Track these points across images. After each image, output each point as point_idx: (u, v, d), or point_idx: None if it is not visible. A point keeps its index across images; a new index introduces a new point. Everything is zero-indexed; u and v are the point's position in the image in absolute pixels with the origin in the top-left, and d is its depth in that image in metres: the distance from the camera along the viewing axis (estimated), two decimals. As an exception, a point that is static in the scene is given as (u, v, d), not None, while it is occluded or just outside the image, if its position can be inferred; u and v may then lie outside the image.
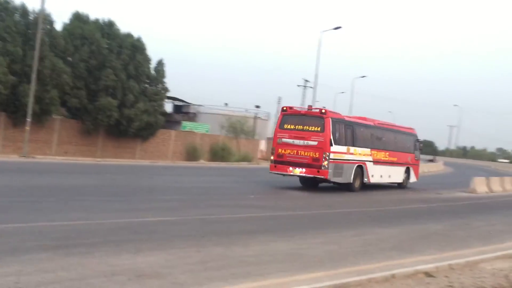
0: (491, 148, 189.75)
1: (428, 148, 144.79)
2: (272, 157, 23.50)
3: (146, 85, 38.49)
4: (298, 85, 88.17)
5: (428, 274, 9.40)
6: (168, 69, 41.04)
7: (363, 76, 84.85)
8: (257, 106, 68.81)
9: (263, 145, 53.99)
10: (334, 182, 23.28)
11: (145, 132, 38.54)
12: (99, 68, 35.24)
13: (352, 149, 23.64)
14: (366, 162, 24.80)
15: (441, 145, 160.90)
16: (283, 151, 22.86)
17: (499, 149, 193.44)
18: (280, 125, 23.19)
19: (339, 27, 52.06)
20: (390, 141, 27.56)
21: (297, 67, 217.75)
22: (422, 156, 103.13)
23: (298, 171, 22.48)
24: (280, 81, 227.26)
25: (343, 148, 23.02)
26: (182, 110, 66.10)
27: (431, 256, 10.99)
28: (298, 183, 25.29)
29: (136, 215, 12.95)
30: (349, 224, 14.51)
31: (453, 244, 12.79)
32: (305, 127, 22.44)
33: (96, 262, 8.12)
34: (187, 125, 51.60)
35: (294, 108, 23.74)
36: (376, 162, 25.71)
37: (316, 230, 13.02)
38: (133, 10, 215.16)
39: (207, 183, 23.80)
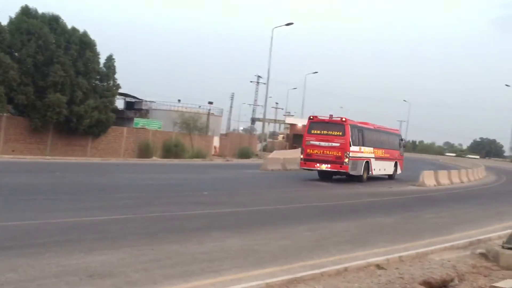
0: (439, 142, 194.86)
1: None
2: (302, 156, 29.16)
3: (97, 82, 37.78)
4: (251, 81, 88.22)
5: (379, 266, 9.59)
6: (120, 66, 40.35)
7: (315, 72, 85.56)
8: (210, 102, 68.65)
9: (216, 142, 53.89)
10: (350, 175, 28.77)
11: (96, 129, 37.85)
12: (47, 63, 34.36)
13: (362, 148, 29.61)
14: (371, 159, 30.71)
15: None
16: (311, 151, 28.66)
17: (446, 143, 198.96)
18: (308, 131, 28.98)
19: (291, 23, 52.45)
20: (384, 141, 33.44)
21: (250, 63, 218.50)
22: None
23: (324, 166, 28.36)
24: (233, 78, 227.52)
25: (357, 148, 28.97)
26: (134, 107, 65.23)
27: (383, 249, 11.22)
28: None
29: (87, 213, 12.72)
30: (303, 219, 14.63)
31: (403, 236, 13.08)
32: (329, 132, 28.26)
33: (46, 262, 7.94)
34: (139, 121, 50.98)
35: (319, 117, 29.29)
36: (377, 158, 31.59)
37: (271, 225, 13.09)
38: (84, 4, 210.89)
39: (160, 180, 23.59)
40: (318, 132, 28.67)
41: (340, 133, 28.16)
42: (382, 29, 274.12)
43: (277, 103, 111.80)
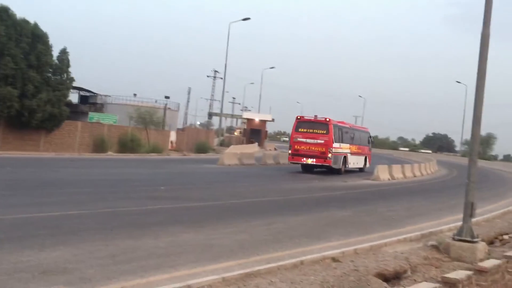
0: (393, 137, 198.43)
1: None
2: (290, 151, 32.51)
3: (49, 75, 36.89)
4: (208, 76, 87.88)
5: (335, 259, 9.73)
6: (74, 59, 39.49)
7: (272, 67, 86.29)
8: (167, 97, 68.13)
9: (173, 136, 53.47)
10: (332, 168, 32.24)
11: (49, 124, 36.98)
12: (-3, 56, 33.32)
13: (341, 145, 33.30)
14: (347, 154, 34.42)
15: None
16: (298, 147, 31.93)
17: (400, 138, 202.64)
18: (295, 129, 32.19)
19: (248, 18, 52.51)
20: (357, 138, 37.09)
21: (208, 58, 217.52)
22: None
23: (310, 160, 31.76)
24: (191, 72, 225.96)
25: (338, 145, 32.59)
26: (89, 101, 64.14)
27: (338, 242, 11.38)
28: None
29: (41, 209, 12.45)
30: (260, 214, 14.70)
31: (358, 229, 13.30)
32: (314, 130, 31.66)
33: (-3, 260, 7.74)
34: (94, 116, 50.11)
35: (305, 117, 32.92)
36: (352, 153, 35.40)
37: (227, 220, 13.10)
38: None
39: (116, 175, 23.28)
40: (305, 130, 32.10)
41: (324, 132, 31.76)
42: (337, 27, 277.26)
43: (234, 98, 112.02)
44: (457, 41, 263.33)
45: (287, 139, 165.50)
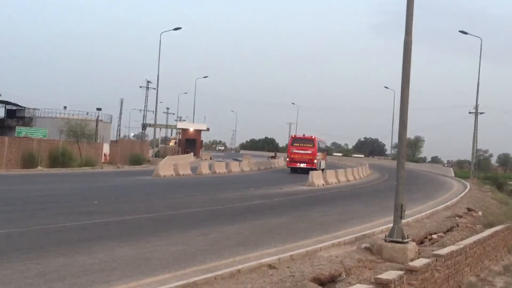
0: (327, 142, 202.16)
1: (270, 145, 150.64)
2: (287, 159, 47.36)
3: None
4: (141, 87, 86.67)
5: (271, 266, 9.80)
6: (0, 73, 38.03)
7: (205, 77, 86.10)
8: (99, 109, 66.71)
9: (106, 149, 52.38)
10: (315, 168, 41.87)
11: (-26, 140, 35.46)
12: None
13: (319, 153, 46.75)
14: (320, 159, 47.38)
15: (282, 142, 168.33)
16: (293, 156, 45.81)
17: (334, 144, 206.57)
18: (291, 143, 46.67)
19: (179, 28, 52.20)
20: (322, 147, 51.60)
21: (140, 69, 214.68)
22: (264, 153, 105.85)
23: (302, 165, 44.69)
24: (123, 83, 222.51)
25: (318, 154, 46.41)
26: (17, 115, 62.01)
27: (275, 249, 11.48)
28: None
29: (-34, 230, 11.90)
30: (196, 224, 14.62)
31: (294, 236, 13.46)
32: (304, 144, 45.61)
33: None
34: (22, 130, 48.39)
35: (297, 135, 48.86)
36: (321, 159, 48.81)
37: (163, 232, 12.95)
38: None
39: (46, 191, 22.56)
40: (297, 144, 45.97)
41: (311, 145, 45.77)
42: (268, 36, 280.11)
43: (168, 108, 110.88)
44: (385, 48, 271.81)
45: (222, 148, 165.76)
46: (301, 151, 45.64)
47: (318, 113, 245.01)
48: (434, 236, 15.92)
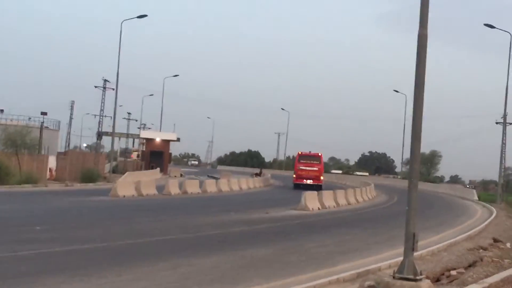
0: (324, 157, 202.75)
1: (254, 160, 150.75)
2: (294, 176, 57.90)
3: None
4: (96, 86, 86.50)
5: (254, 308, 9.77)
6: None
7: (176, 75, 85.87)
8: (44, 113, 66.53)
9: (52, 162, 52.00)
10: (321, 185, 54.46)
11: None
12: None
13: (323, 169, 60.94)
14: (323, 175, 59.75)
15: (268, 156, 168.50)
16: (300, 173, 56.65)
17: (332, 159, 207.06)
18: (298, 160, 57.98)
19: (144, 16, 52.38)
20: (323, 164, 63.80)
21: (96, 65, 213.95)
22: (247, 170, 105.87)
23: (309, 181, 55.36)
24: (74, 82, 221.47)
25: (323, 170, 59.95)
26: None
27: (258, 287, 11.45)
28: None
29: None
30: (162, 255, 14.55)
31: (282, 270, 13.43)
32: (311, 161, 56.67)
33: None
34: None
35: (304, 152, 59.14)
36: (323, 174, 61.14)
37: (121, 265, 12.87)
38: None
39: (-23, 214, 22.33)
40: (304, 161, 57.54)
41: (318, 162, 57.87)
42: (253, 29, 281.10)
43: (129, 113, 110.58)
44: (393, 45, 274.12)
45: (196, 162, 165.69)
46: (308, 168, 57.23)
47: (313, 121, 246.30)
48: (453, 272, 15.98)
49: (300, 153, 59.80)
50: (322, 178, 57.34)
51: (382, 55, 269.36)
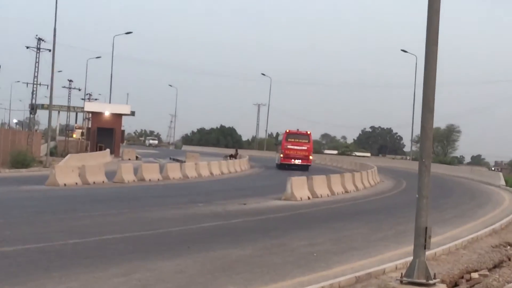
0: (315, 134, 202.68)
1: (228, 138, 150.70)
2: (281, 155, 66.35)
3: None
4: (28, 47, 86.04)
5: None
6: None
7: (128, 33, 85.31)
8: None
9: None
10: (308, 165, 66.09)
11: None
12: None
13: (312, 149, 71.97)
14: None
15: (246, 133, 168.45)
16: (288, 152, 65.51)
17: (325, 136, 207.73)
18: (286, 139, 66.56)
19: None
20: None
21: (28, 20, 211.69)
22: (220, 151, 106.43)
23: (297, 161, 65.40)
24: (0, 45, 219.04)
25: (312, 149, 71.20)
26: None
27: (233, 295, 11.51)
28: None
29: None
30: (113, 258, 14.54)
31: (263, 275, 13.50)
32: (299, 140, 66.31)
33: None
34: None
35: (291, 130, 68.31)
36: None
37: (61, 270, 12.85)
38: None
39: None
40: (292, 140, 66.07)
41: (307, 141, 66.78)
42: None
43: (71, 80, 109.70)
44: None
45: (156, 142, 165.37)
46: (296, 147, 66.56)
47: (301, 90, 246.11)
48: (475, 275, 16.14)
49: (288, 131, 68.58)
50: (311, 157, 68.27)
51: (387, 7, 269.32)
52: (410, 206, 26.49)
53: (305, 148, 66.59)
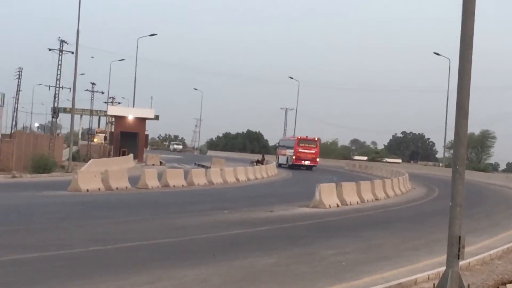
0: (344, 140, 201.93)
1: (254, 143, 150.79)
2: (294, 157, 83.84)
3: None
4: (50, 49, 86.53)
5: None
6: None
7: (153, 35, 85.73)
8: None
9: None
10: (315, 166, 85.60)
11: None
12: None
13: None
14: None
15: (273, 138, 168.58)
16: (299, 154, 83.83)
17: (354, 142, 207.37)
18: (297, 144, 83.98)
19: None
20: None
21: (51, 23, 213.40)
22: (246, 156, 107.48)
23: (307, 162, 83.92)
24: (22, 44, 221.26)
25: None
26: None
27: (259, 306, 11.50)
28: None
29: None
30: (136, 266, 14.59)
31: (291, 285, 13.49)
32: (309, 145, 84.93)
33: None
34: None
35: (302, 137, 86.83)
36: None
37: (83, 278, 12.93)
38: None
39: None
40: (303, 145, 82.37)
41: (314, 146, 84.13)
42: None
43: (94, 83, 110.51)
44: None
45: (180, 146, 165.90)
46: (306, 151, 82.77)
47: (329, 93, 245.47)
48: (510, 286, 16.01)
49: (299, 137, 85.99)
50: (318, 160, 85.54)
51: (419, 7, 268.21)
52: (443, 215, 26.41)
53: (313, 151, 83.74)
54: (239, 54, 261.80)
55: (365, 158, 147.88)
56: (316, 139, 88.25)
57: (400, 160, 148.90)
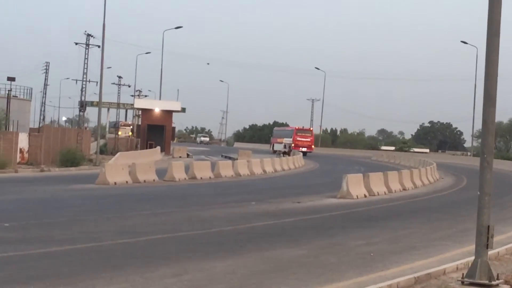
0: (371, 130, 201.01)
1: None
2: (292, 144, 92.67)
3: None
4: (77, 43, 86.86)
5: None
6: None
7: (179, 27, 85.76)
8: (11, 79, 66.71)
9: (24, 141, 52.26)
10: (310, 152, 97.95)
11: None
12: None
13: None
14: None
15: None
16: (297, 142, 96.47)
17: (381, 132, 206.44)
18: (296, 133, 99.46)
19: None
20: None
21: (77, 17, 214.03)
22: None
23: (304, 149, 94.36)
24: (49, 38, 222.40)
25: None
26: None
27: (287, 298, 11.48)
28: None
29: None
30: (164, 258, 14.60)
31: (318, 276, 13.43)
32: (305, 134, 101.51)
33: None
34: None
35: (299, 127, 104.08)
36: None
37: (112, 270, 12.96)
38: None
39: None
40: (300, 134, 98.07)
41: (310, 134, 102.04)
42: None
43: (120, 77, 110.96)
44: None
45: (207, 139, 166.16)
46: (303, 139, 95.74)
47: (356, 84, 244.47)
48: (540, 275, 15.90)
49: (297, 127, 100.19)
50: (313, 147, 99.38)
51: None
52: (471, 204, 26.33)
53: (309, 140, 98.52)
54: (265, 47, 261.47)
55: (392, 148, 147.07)
56: (311, 129, 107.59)
57: (427, 150, 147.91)
